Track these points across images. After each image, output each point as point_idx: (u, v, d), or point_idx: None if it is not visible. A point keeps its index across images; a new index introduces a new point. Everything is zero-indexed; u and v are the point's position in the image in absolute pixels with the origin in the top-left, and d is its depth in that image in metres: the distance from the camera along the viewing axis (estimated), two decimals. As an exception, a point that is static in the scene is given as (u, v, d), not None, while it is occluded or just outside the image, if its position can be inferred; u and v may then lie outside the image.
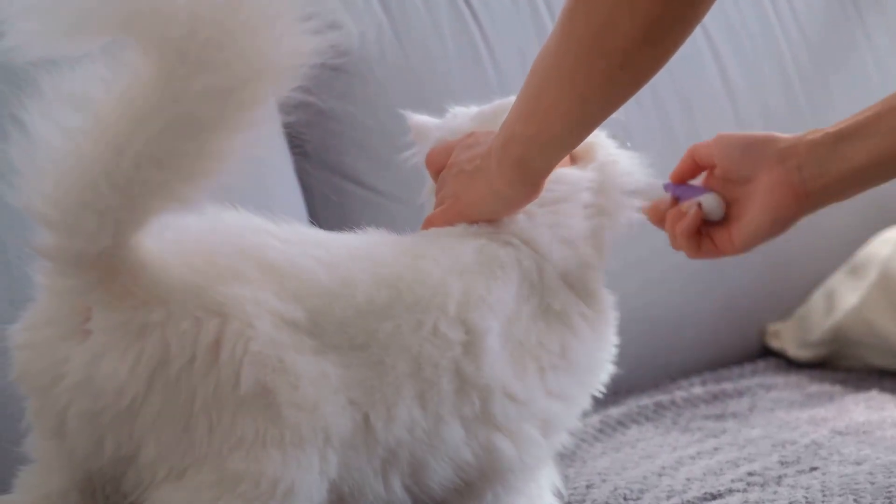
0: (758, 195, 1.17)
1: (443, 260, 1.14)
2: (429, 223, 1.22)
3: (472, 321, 1.12)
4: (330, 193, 1.64)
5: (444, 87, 1.69)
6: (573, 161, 1.26)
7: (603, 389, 1.24)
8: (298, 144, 1.65)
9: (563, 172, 1.22)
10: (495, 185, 1.18)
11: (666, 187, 1.23)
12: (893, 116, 1.14)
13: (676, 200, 1.22)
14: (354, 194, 1.64)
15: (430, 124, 1.32)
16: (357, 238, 1.16)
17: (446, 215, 1.21)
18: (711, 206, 1.19)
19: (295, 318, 1.06)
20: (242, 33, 0.98)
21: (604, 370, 1.23)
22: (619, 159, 1.26)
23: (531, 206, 1.21)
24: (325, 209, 1.63)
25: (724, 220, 1.20)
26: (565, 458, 1.46)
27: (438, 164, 1.26)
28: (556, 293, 1.18)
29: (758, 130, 1.92)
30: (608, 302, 1.23)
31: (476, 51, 1.73)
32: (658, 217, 1.23)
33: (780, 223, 1.17)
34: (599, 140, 1.26)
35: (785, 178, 1.16)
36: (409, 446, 1.10)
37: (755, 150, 1.18)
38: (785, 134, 1.19)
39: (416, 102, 1.66)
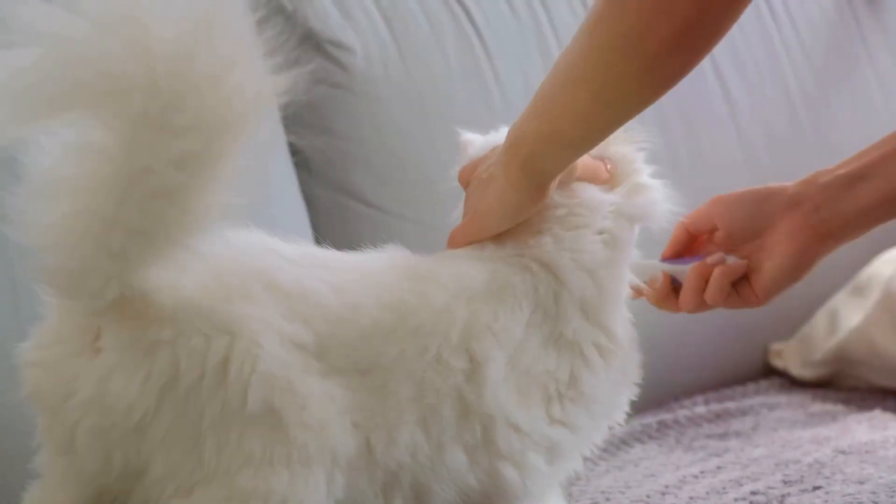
0: (778, 244, 1.19)
1: (450, 285, 1.13)
2: (451, 239, 1.21)
3: (475, 350, 1.11)
4: (334, 211, 1.64)
5: (447, 105, 1.69)
6: (607, 180, 1.23)
7: (619, 423, 1.23)
8: (303, 162, 1.65)
9: (590, 195, 1.21)
10: (501, 189, 1.17)
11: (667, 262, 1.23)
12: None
13: (670, 279, 1.22)
14: (358, 212, 1.64)
15: (472, 141, 1.30)
16: (366, 260, 1.15)
17: (465, 230, 1.20)
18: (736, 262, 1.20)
19: (302, 340, 1.06)
20: (203, 86, 0.96)
21: (620, 406, 1.22)
22: (649, 186, 1.24)
23: (557, 230, 1.19)
24: (330, 227, 1.63)
25: (743, 277, 1.20)
26: (569, 477, 1.46)
27: (466, 179, 1.26)
28: (569, 321, 1.17)
29: (762, 151, 1.94)
30: (628, 337, 1.21)
31: (480, 69, 1.73)
32: (659, 298, 1.23)
33: (803, 266, 1.19)
34: (636, 165, 1.24)
35: (804, 221, 1.18)
36: (411, 470, 1.10)
37: (764, 203, 1.20)
38: (785, 183, 1.20)
39: (420, 121, 1.67)
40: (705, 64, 1.93)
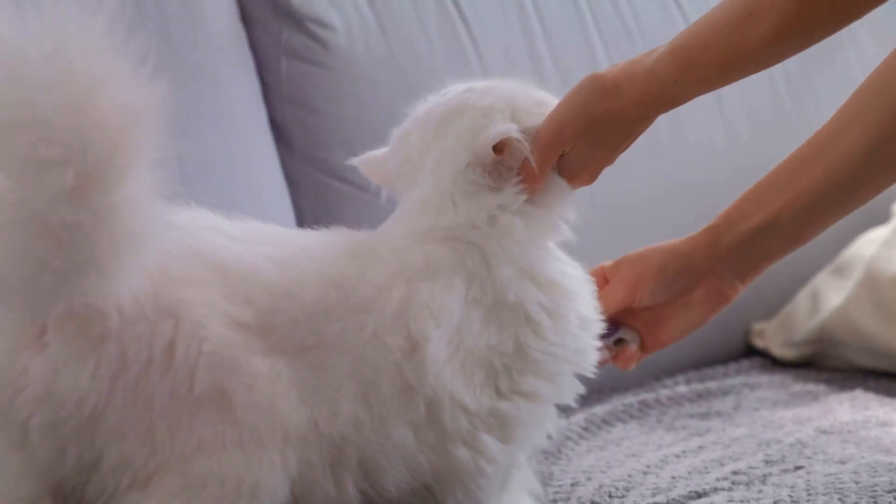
0: (690, 306, 1.30)
1: (392, 262, 1.12)
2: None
3: (413, 329, 1.10)
4: (315, 189, 1.64)
5: (429, 83, 1.68)
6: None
7: (587, 381, 1.21)
8: (284, 140, 1.64)
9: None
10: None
11: None
12: (798, 205, 1.23)
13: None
14: (341, 191, 1.64)
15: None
16: (310, 234, 1.16)
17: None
18: (633, 338, 1.31)
19: (245, 319, 1.06)
20: (69, 113, 0.94)
21: (585, 351, 1.18)
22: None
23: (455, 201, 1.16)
24: (311, 205, 1.63)
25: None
26: (550, 456, 1.46)
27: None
28: (507, 285, 1.14)
29: (743, 131, 1.93)
30: (569, 286, 1.18)
31: (461, 46, 1.72)
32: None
33: (710, 318, 1.32)
34: None
35: (718, 286, 1.28)
36: (356, 443, 1.10)
37: (678, 281, 1.27)
38: (691, 236, 1.27)
39: (402, 99, 1.66)
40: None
